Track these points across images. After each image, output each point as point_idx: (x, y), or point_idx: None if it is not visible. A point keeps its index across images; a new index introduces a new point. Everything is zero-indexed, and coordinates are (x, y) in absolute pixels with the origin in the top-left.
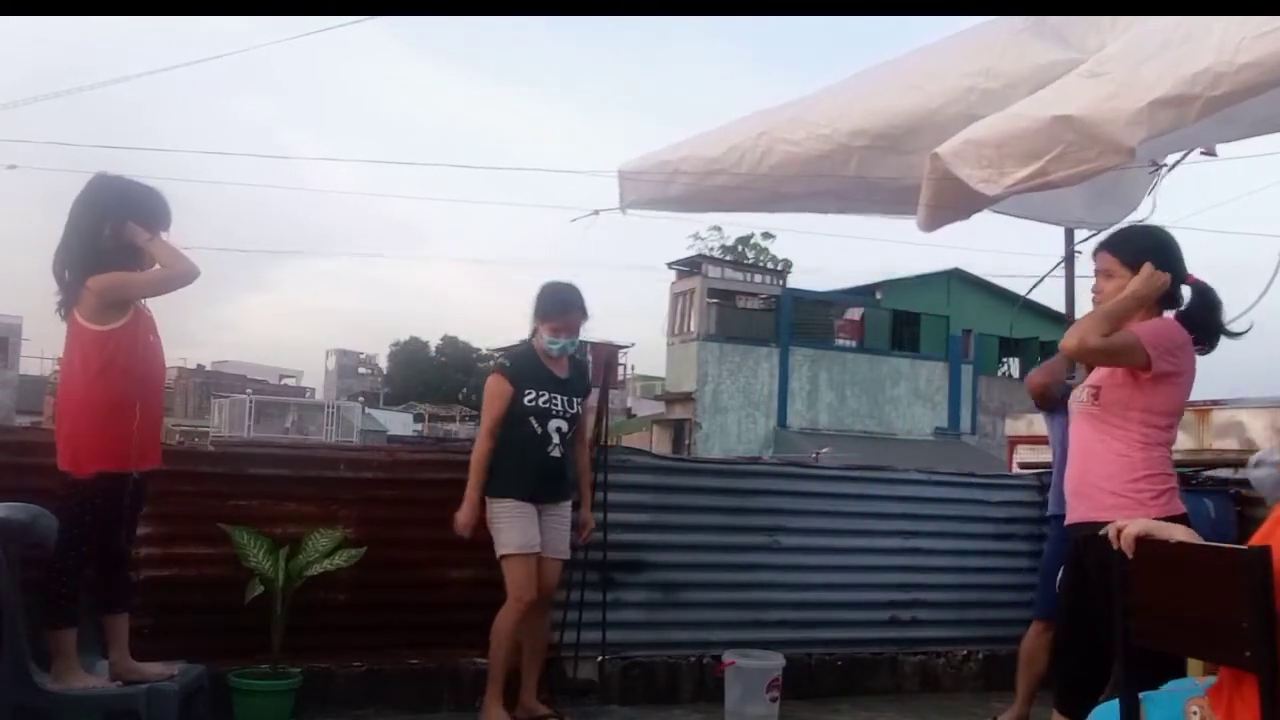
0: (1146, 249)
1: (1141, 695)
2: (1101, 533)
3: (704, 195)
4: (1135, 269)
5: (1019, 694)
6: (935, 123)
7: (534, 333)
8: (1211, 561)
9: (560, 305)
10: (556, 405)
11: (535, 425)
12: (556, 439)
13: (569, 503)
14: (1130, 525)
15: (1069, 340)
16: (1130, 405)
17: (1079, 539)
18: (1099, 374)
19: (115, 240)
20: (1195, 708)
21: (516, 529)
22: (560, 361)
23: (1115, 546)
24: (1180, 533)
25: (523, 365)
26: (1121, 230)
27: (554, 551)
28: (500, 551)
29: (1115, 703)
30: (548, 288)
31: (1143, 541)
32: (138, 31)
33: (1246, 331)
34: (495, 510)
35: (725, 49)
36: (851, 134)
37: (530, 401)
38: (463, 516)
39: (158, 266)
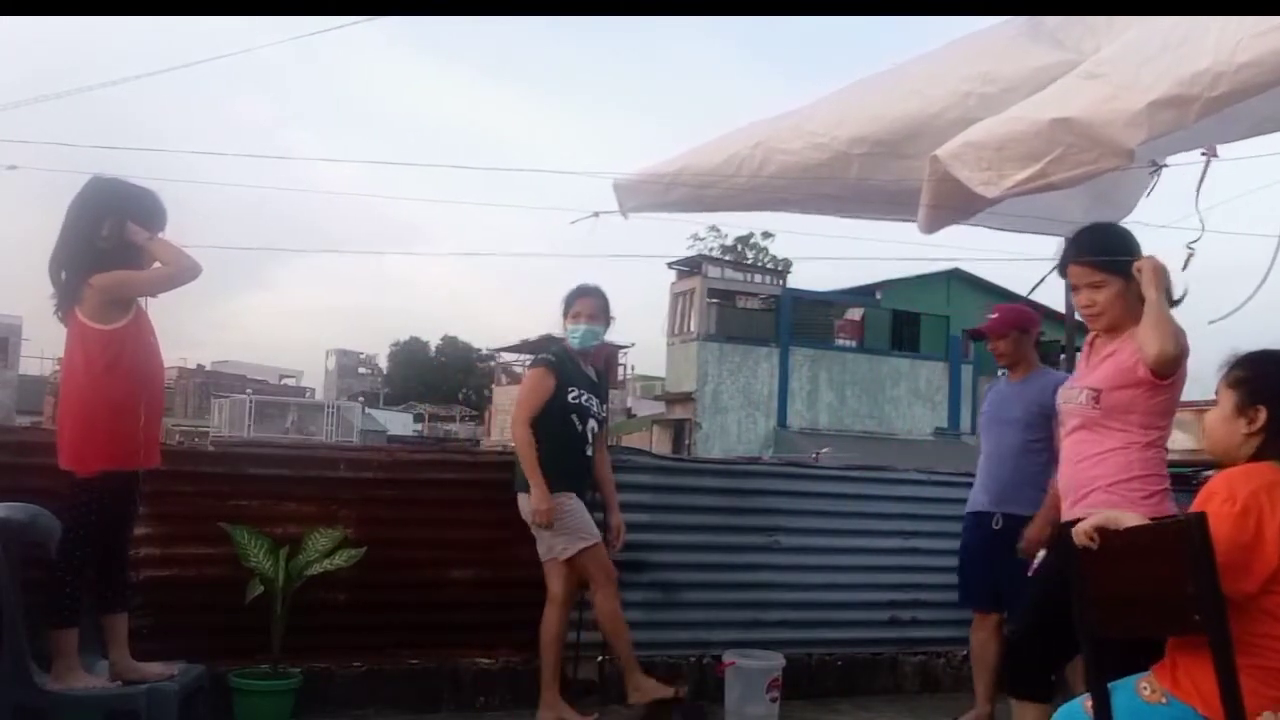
0: (1124, 249)
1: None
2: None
3: (705, 197)
4: (1120, 273)
5: (978, 693)
6: (934, 128)
7: (566, 335)
8: (1153, 539)
9: (573, 292)
10: (593, 406)
11: (576, 422)
12: (590, 438)
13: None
14: (1086, 520)
15: (1156, 348)
16: (1133, 409)
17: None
18: (1099, 376)
19: (114, 240)
20: (1145, 684)
21: (579, 520)
22: (589, 365)
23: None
24: (1130, 519)
25: (565, 363)
26: (1091, 238)
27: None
28: (575, 548)
29: (1076, 701)
30: (571, 288)
31: (1100, 533)
32: (138, 31)
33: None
34: (560, 507)
35: (724, 48)
36: (850, 141)
37: (574, 399)
38: (543, 504)
39: (158, 265)
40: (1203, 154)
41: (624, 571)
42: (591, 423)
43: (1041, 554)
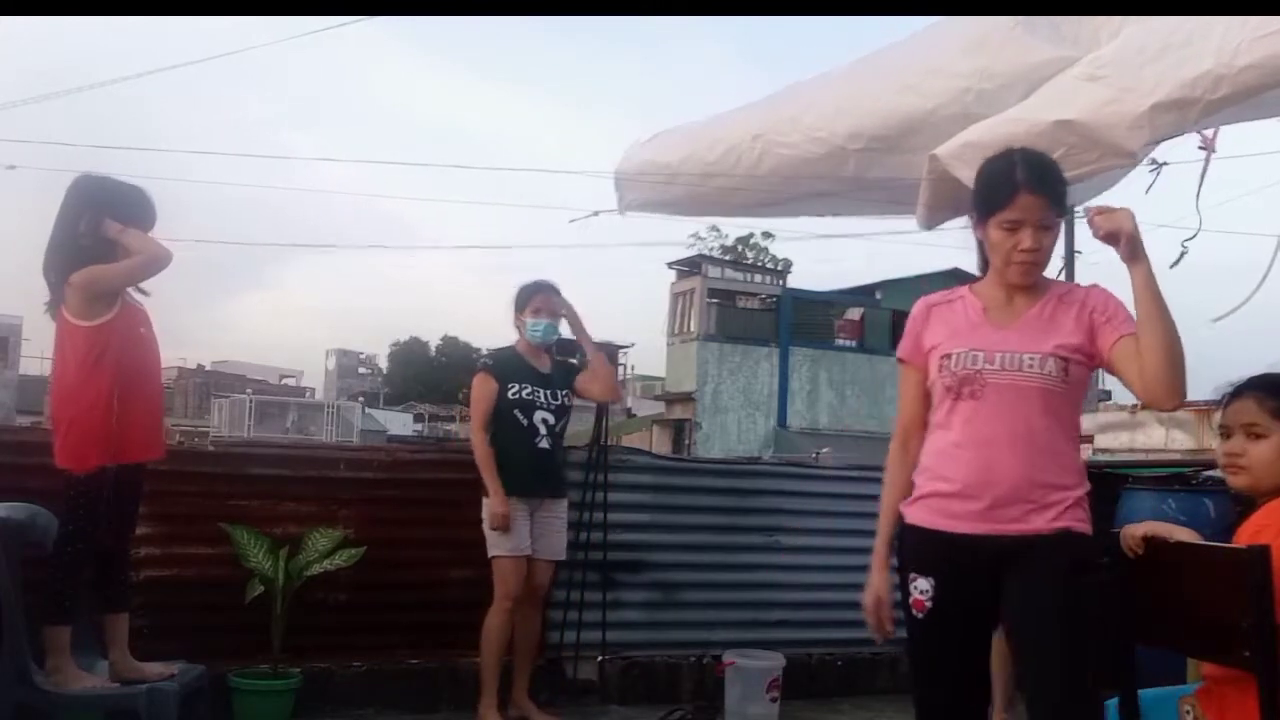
0: (1065, 183)
1: (1139, 693)
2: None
3: (702, 198)
4: (1062, 215)
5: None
6: (931, 123)
7: (519, 337)
8: (1212, 561)
9: (530, 288)
10: (540, 398)
11: (520, 417)
12: (543, 430)
13: (564, 502)
14: (1136, 527)
15: (1176, 396)
16: (1085, 383)
17: (990, 551)
18: (1063, 334)
19: (91, 236)
20: (1187, 706)
21: (510, 531)
22: (543, 359)
23: (1130, 552)
24: (1182, 533)
25: (505, 362)
26: (1048, 168)
27: (549, 553)
28: (491, 552)
29: (1110, 704)
30: (520, 286)
31: (1149, 541)
32: (138, 31)
33: None
34: (488, 510)
35: (724, 50)
36: (848, 136)
37: (513, 395)
38: (498, 508)
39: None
40: (1200, 148)
41: (624, 572)
42: (541, 414)
43: (925, 585)
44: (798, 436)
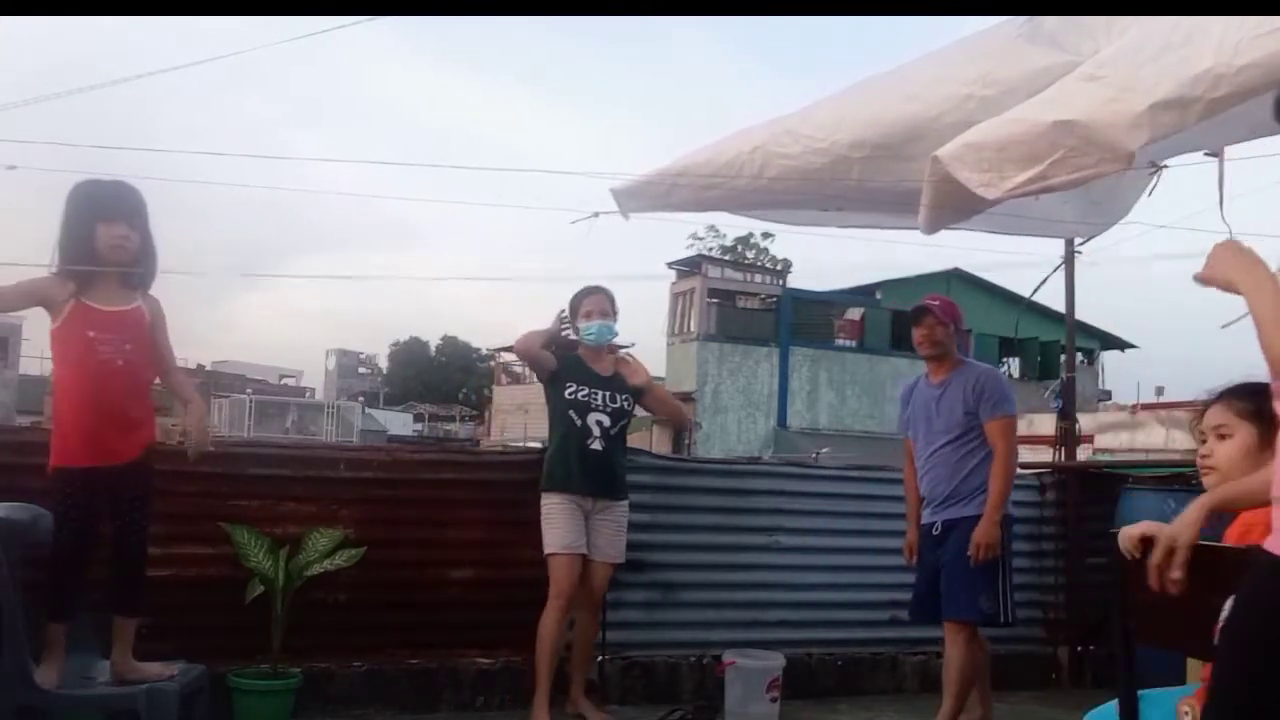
0: None
1: (1140, 694)
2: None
3: (705, 200)
4: None
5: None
6: (934, 130)
7: (578, 344)
8: (1211, 561)
9: (581, 293)
10: (596, 400)
11: (575, 417)
12: (597, 432)
13: (623, 505)
14: (1134, 527)
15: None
16: None
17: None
18: None
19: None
20: (1186, 708)
21: (560, 529)
22: (603, 362)
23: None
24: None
25: (569, 362)
26: None
27: (604, 555)
28: (545, 550)
29: (1110, 705)
30: (574, 293)
31: (1146, 542)
32: (141, 30)
33: None
34: (545, 508)
35: (726, 50)
36: (850, 145)
37: (570, 394)
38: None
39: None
40: (1207, 153)
41: (624, 571)
42: (596, 415)
43: (1229, 606)
44: (798, 436)
